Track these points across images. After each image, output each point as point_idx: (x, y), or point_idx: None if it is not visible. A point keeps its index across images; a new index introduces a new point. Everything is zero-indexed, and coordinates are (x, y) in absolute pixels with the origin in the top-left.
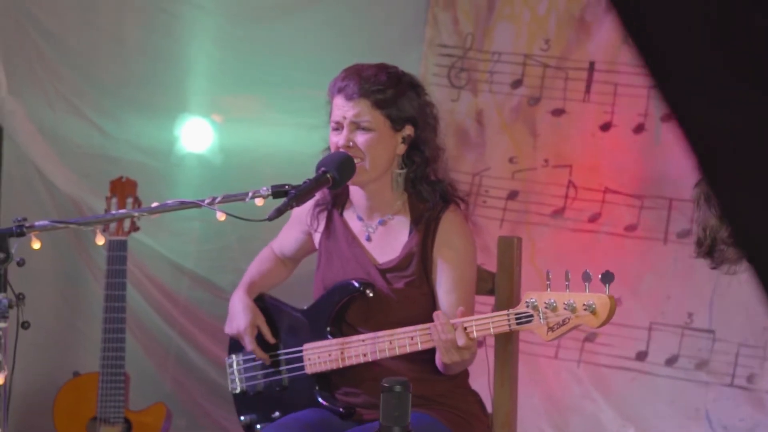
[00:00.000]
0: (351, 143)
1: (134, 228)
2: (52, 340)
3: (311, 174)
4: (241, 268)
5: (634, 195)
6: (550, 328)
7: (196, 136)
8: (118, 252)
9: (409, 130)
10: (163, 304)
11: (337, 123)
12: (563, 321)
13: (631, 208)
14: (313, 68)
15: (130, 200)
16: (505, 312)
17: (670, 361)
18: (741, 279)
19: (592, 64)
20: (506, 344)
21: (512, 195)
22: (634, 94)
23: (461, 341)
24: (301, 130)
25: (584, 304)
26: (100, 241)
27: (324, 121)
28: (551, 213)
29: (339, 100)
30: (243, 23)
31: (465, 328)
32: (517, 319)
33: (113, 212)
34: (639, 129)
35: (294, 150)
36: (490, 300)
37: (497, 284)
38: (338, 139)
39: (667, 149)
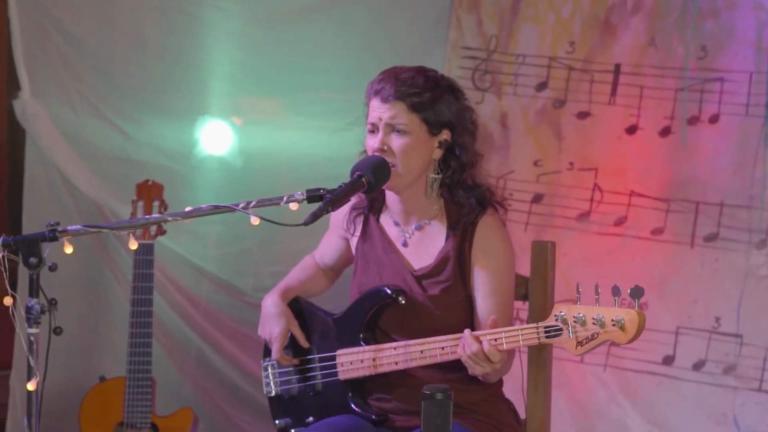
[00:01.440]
0: (385, 147)
1: (161, 232)
2: (76, 344)
3: (331, 177)
4: (262, 272)
5: (660, 198)
6: (579, 343)
7: (216, 138)
8: (145, 256)
9: (446, 135)
10: (184, 306)
11: (373, 125)
12: (592, 336)
13: (658, 211)
14: (334, 71)
15: (156, 203)
16: (534, 325)
17: (698, 366)
18: None
19: (617, 67)
20: (540, 351)
21: (537, 198)
22: (660, 97)
23: (486, 347)
24: (322, 133)
25: (613, 320)
26: (134, 245)
27: (346, 123)
28: (576, 216)
29: (375, 102)
30: (263, 25)
31: (495, 340)
32: (546, 332)
33: (147, 216)
34: (665, 132)
35: (315, 153)
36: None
37: (531, 289)
38: (373, 142)
39: (694, 152)
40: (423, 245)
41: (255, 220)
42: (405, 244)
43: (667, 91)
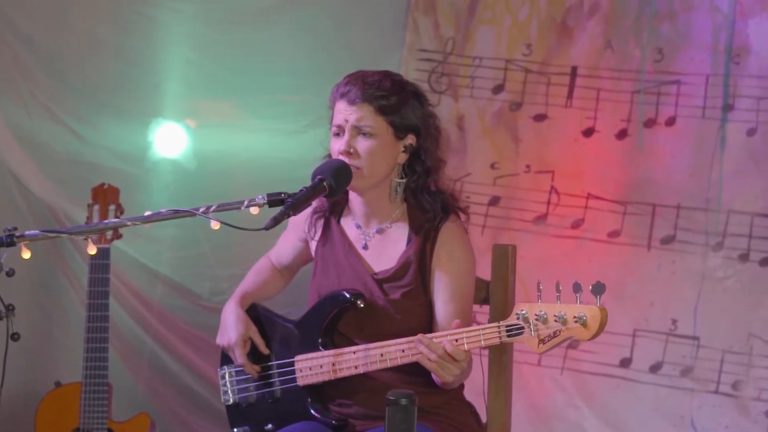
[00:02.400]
0: (352, 149)
1: (117, 236)
2: (31, 350)
3: (288, 180)
4: (218, 276)
5: (617, 201)
6: (541, 341)
7: (170, 141)
8: (101, 260)
9: (411, 139)
10: (138, 310)
11: (339, 128)
12: (554, 333)
13: (615, 214)
14: (290, 73)
15: (112, 207)
16: (496, 324)
17: (655, 368)
18: (725, 286)
19: (574, 69)
20: (501, 354)
21: (494, 201)
22: (616, 99)
23: (449, 347)
24: (278, 135)
25: (575, 316)
26: (92, 250)
27: (302, 126)
28: (533, 219)
29: (341, 105)
30: (219, 27)
31: (456, 341)
32: (507, 331)
33: (107, 221)
34: (622, 134)
35: (270, 156)
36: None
37: (492, 292)
38: (339, 145)
39: (651, 155)
40: (384, 248)
41: (215, 225)
42: (365, 247)
43: (624, 94)
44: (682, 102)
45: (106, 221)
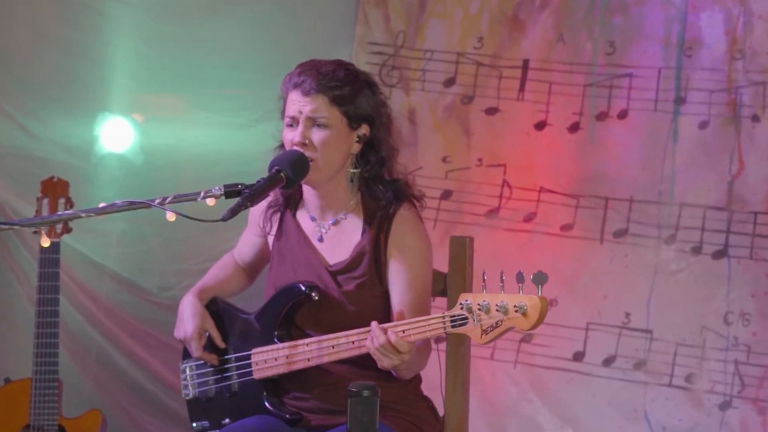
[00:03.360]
0: (307, 141)
1: (67, 230)
2: None
3: (238, 174)
4: (166, 271)
5: (569, 194)
6: (484, 331)
7: (116, 135)
8: (50, 255)
9: (364, 129)
10: (86, 306)
11: (292, 119)
12: (496, 323)
13: (567, 207)
14: (240, 67)
15: (62, 201)
16: (440, 315)
17: (608, 362)
18: (678, 279)
19: (526, 62)
20: (458, 347)
21: (446, 195)
22: (568, 93)
23: (392, 338)
24: (227, 129)
25: (515, 306)
26: (46, 242)
27: (252, 119)
28: (486, 213)
29: (295, 95)
30: (170, 20)
31: (403, 332)
32: (452, 321)
33: (60, 213)
34: (574, 128)
35: (220, 150)
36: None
37: (449, 285)
38: (293, 136)
39: (603, 148)
40: (339, 240)
41: (171, 216)
42: (321, 239)
43: (576, 87)
44: (635, 95)
45: (60, 213)
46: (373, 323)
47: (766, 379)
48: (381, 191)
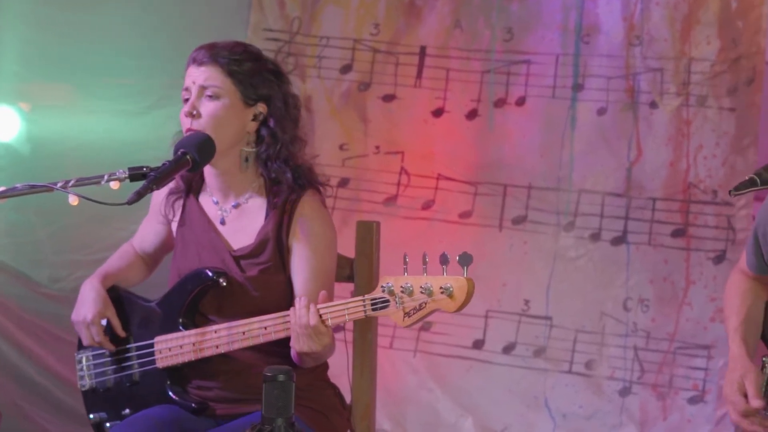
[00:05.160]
0: (195, 111)
1: None
2: None
3: (129, 162)
4: (56, 262)
5: (468, 182)
6: (407, 314)
7: (1, 124)
8: None
9: (261, 108)
10: None
11: (187, 90)
12: (420, 305)
13: (465, 194)
14: (130, 54)
15: None
16: (360, 298)
17: (508, 349)
18: (577, 265)
19: (423, 49)
20: (365, 333)
21: (343, 182)
22: (466, 79)
23: (312, 321)
24: (118, 117)
25: (441, 287)
26: None
27: (143, 107)
28: (383, 201)
29: (190, 69)
30: (58, 6)
31: (321, 316)
32: (372, 304)
33: None
34: (472, 115)
35: (111, 138)
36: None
37: (356, 270)
38: (184, 108)
39: (501, 135)
40: (241, 224)
41: (74, 200)
42: (223, 222)
43: (474, 74)
44: (532, 82)
45: None
46: (303, 298)
47: (666, 365)
48: (280, 173)
